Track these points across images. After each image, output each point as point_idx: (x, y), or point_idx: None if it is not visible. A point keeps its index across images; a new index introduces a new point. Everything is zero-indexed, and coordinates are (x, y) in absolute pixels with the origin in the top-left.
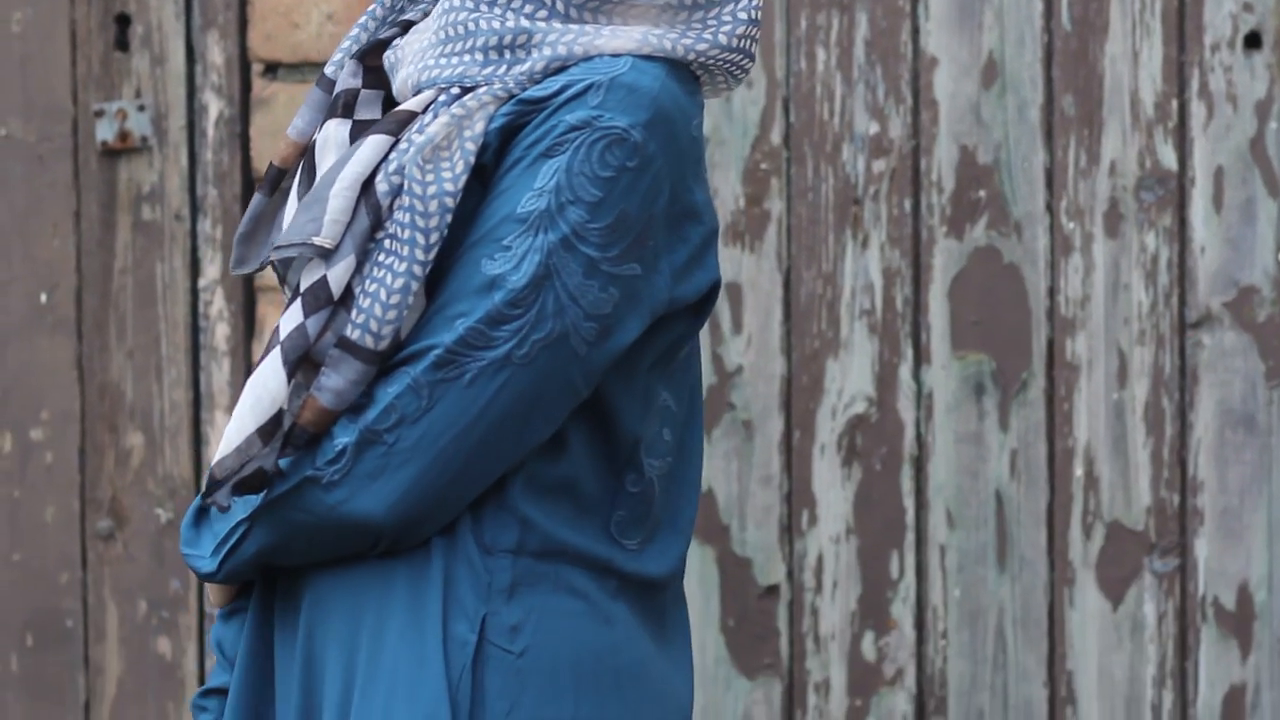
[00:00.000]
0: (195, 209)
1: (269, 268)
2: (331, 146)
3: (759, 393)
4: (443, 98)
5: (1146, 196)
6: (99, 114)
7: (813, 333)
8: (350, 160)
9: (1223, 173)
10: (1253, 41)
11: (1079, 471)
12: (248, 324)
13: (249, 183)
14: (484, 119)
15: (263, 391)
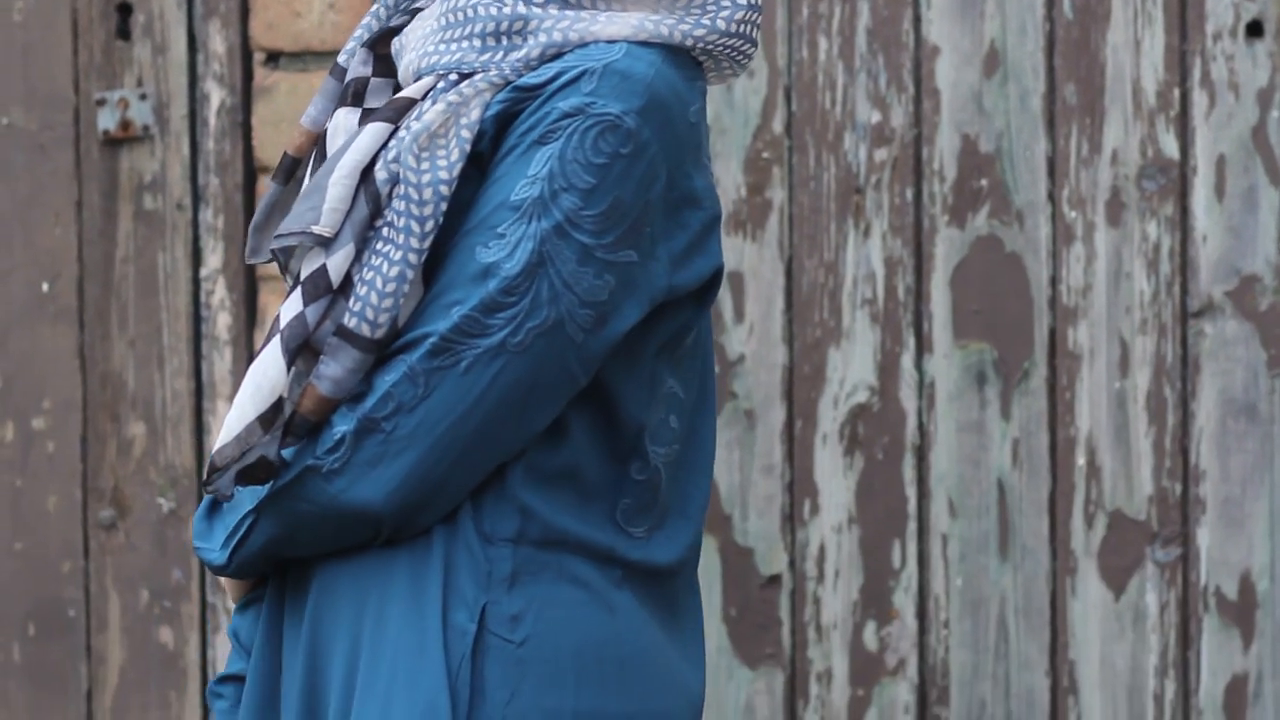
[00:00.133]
0: (197, 198)
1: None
2: (341, 135)
3: (761, 382)
4: (441, 84)
5: (1148, 185)
6: (101, 103)
7: (814, 322)
8: (350, 148)
9: (1224, 161)
10: (1254, 30)
11: (1081, 461)
12: (249, 313)
13: (251, 172)
14: (480, 106)
15: (263, 379)
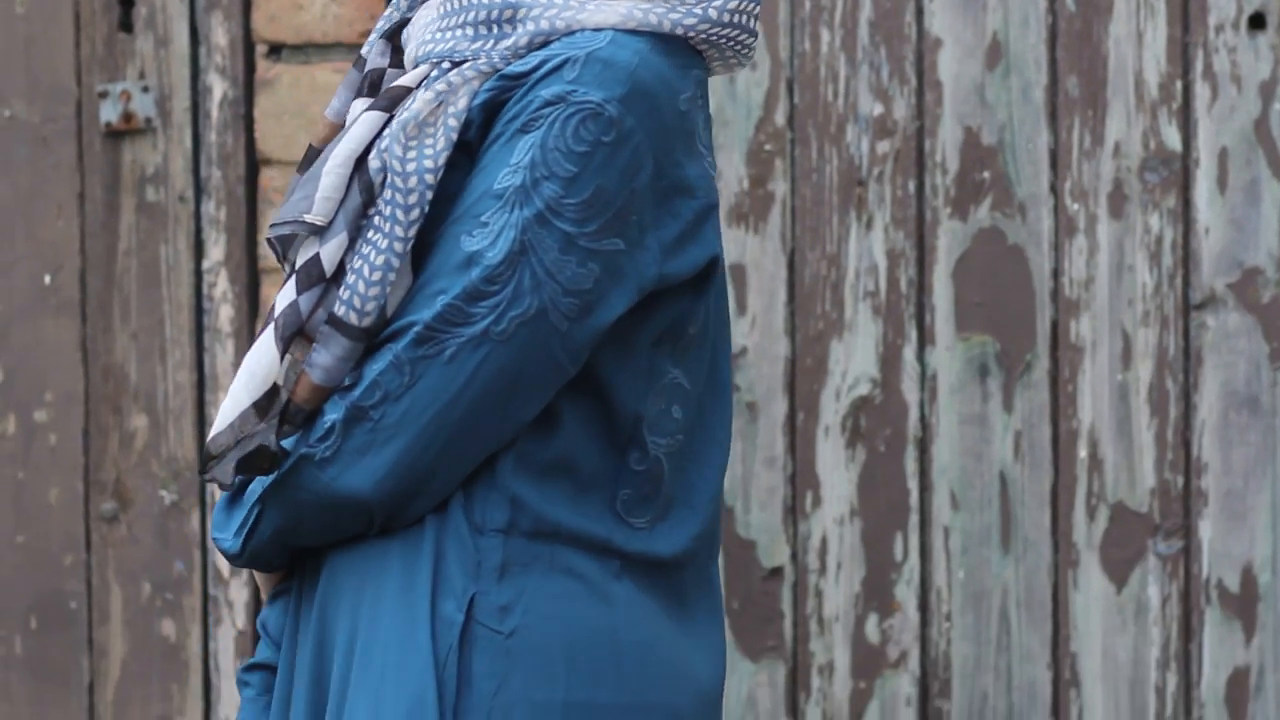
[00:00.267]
0: (199, 190)
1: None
2: None
3: (763, 374)
4: (434, 73)
5: (1151, 178)
6: (103, 95)
7: (817, 314)
8: (344, 137)
9: (1227, 154)
10: (1257, 22)
11: (1083, 453)
12: (251, 306)
13: (253, 164)
14: (468, 95)
15: (256, 367)
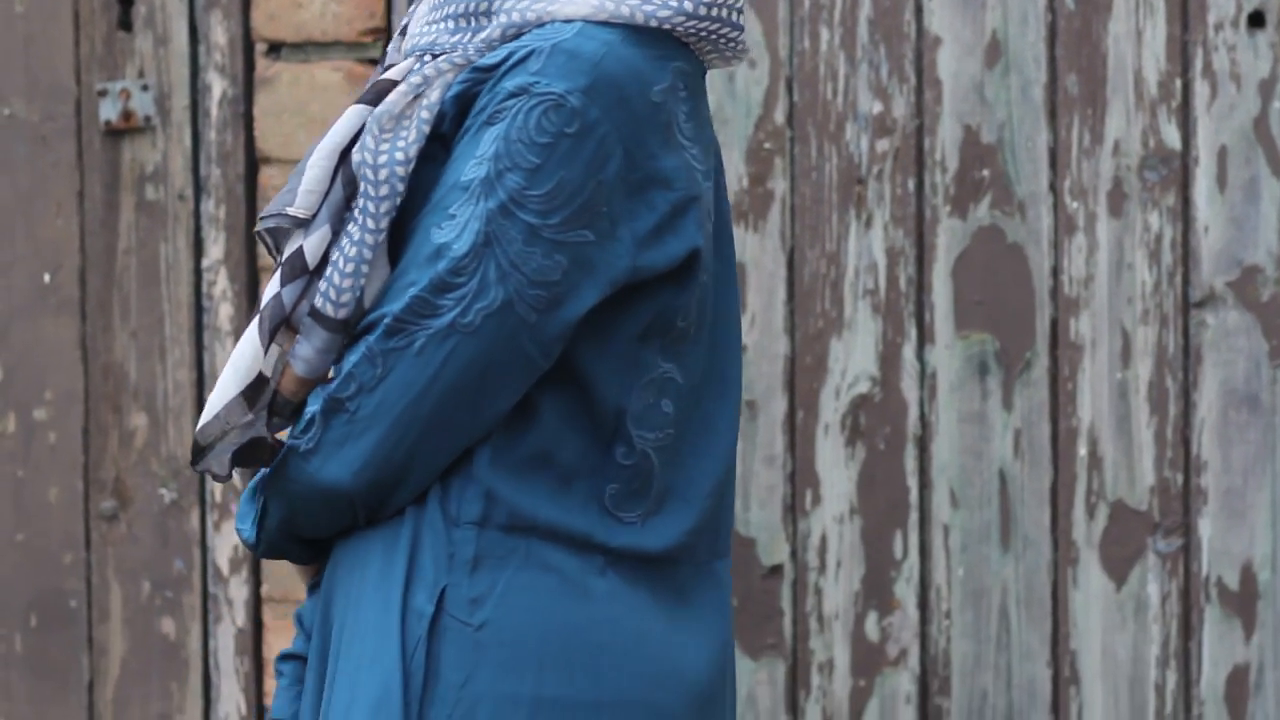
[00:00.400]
0: (199, 189)
1: None
2: None
3: (762, 372)
4: (417, 66)
5: (1150, 176)
6: (102, 94)
7: (816, 312)
8: (330, 131)
9: (1226, 152)
10: (1256, 20)
11: (1082, 451)
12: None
13: (252, 162)
14: (441, 88)
15: (240, 358)
